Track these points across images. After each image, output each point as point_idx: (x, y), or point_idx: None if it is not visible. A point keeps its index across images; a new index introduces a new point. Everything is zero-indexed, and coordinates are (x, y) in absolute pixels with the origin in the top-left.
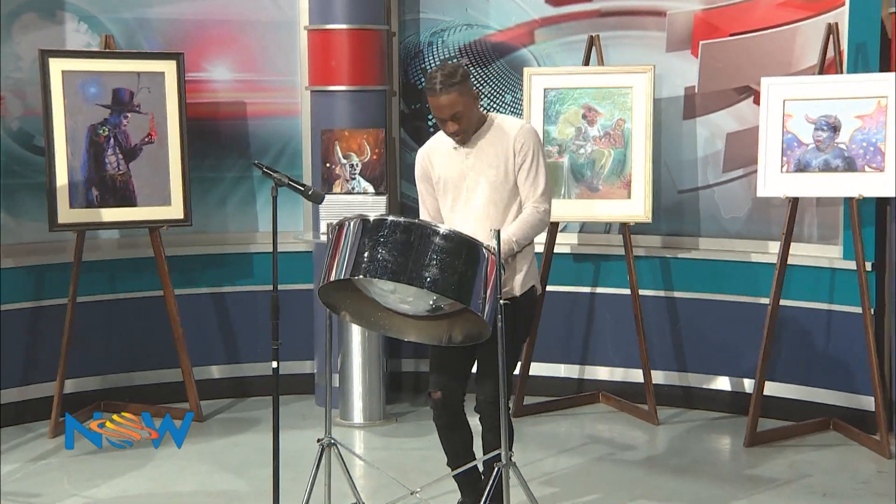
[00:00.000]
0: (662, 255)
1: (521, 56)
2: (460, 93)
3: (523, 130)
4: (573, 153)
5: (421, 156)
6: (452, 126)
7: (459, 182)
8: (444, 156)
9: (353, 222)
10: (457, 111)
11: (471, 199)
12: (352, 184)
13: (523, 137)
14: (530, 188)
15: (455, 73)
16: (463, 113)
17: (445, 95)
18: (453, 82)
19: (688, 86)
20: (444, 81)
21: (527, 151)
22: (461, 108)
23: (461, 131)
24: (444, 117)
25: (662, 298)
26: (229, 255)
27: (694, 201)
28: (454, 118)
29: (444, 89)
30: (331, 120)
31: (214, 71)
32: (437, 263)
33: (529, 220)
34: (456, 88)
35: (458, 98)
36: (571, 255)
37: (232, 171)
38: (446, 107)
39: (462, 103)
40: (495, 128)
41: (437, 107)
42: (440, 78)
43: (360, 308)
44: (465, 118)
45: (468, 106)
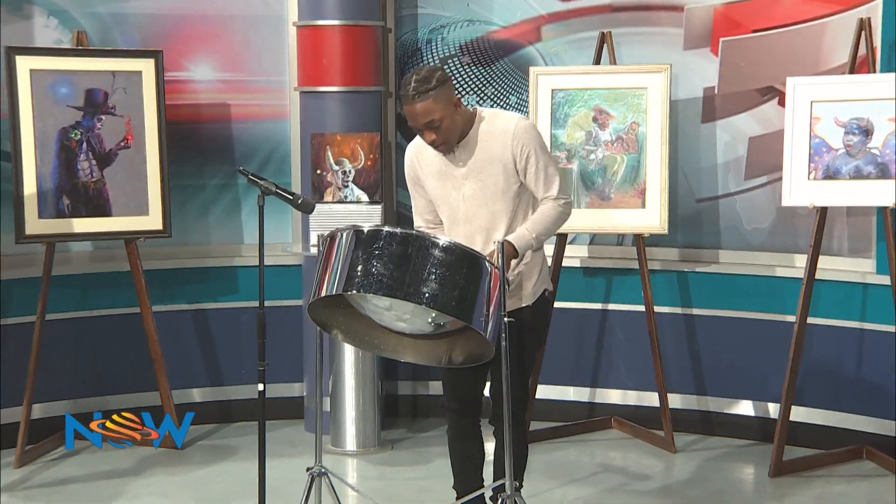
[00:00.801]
0: (679, 268)
1: (526, 54)
2: (436, 99)
3: (519, 129)
4: (583, 159)
5: (409, 155)
6: (430, 135)
7: (455, 196)
8: (432, 164)
9: (345, 234)
10: (432, 119)
11: (472, 214)
12: (344, 192)
13: (522, 138)
14: (544, 188)
15: (430, 77)
16: (440, 121)
17: (420, 103)
18: (427, 88)
19: (707, 86)
20: (417, 88)
21: (529, 152)
22: (437, 116)
23: (440, 140)
24: (419, 126)
25: (680, 316)
26: (212, 268)
27: (714, 211)
28: (430, 127)
29: (418, 96)
30: (322, 123)
31: (196, 70)
32: (436, 278)
33: (550, 213)
34: (431, 95)
35: (433, 105)
36: (581, 269)
37: (215, 179)
38: (421, 115)
39: (438, 111)
40: (486, 127)
41: (412, 115)
42: (413, 84)
43: (352, 326)
44: (443, 127)
45: (446, 113)
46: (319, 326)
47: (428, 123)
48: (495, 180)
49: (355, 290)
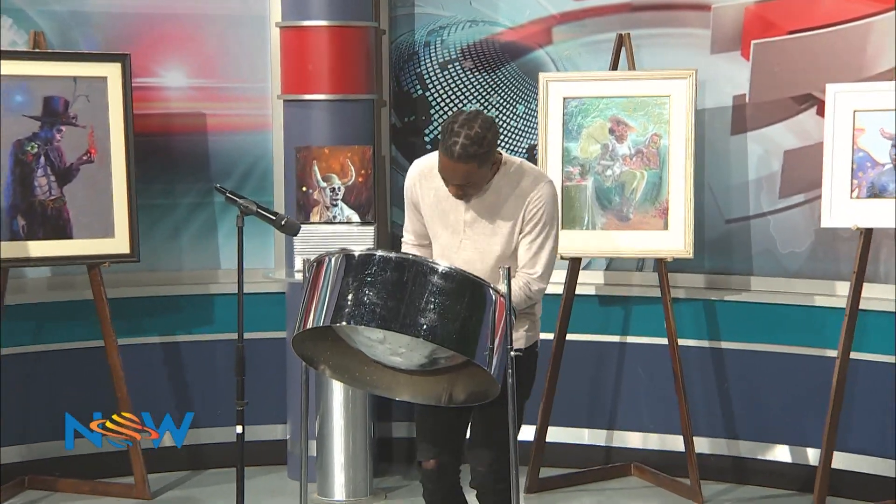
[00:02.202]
0: (707, 297)
1: (535, 59)
2: (480, 164)
3: (542, 193)
4: (598, 175)
5: (413, 177)
6: (456, 190)
7: (451, 240)
8: (436, 197)
9: (334, 258)
10: (468, 181)
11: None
12: (333, 212)
13: (540, 202)
14: (529, 260)
15: (482, 138)
16: (475, 184)
17: (462, 164)
18: (476, 152)
19: (737, 94)
20: (465, 148)
21: (538, 221)
22: (473, 180)
23: (465, 195)
24: (452, 183)
25: (707, 350)
26: (185, 297)
27: (745, 233)
28: (461, 185)
29: (464, 158)
30: (308, 135)
31: (167, 76)
32: (435, 308)
33: (521, 291)
34: (478, 160)
35: (475, 170)
36: (597, 298)
37: (188, 197)
38: (460, 175)
39: (479, 175)
40: (508, 180)
41: (449, 171)
42: (462, 141)
43: (342, 361)
44: (474, 186)
45: (485, 175)
46: (305, 361)
47: (460, 184)
48: (499, 240)
49: (345, 322)
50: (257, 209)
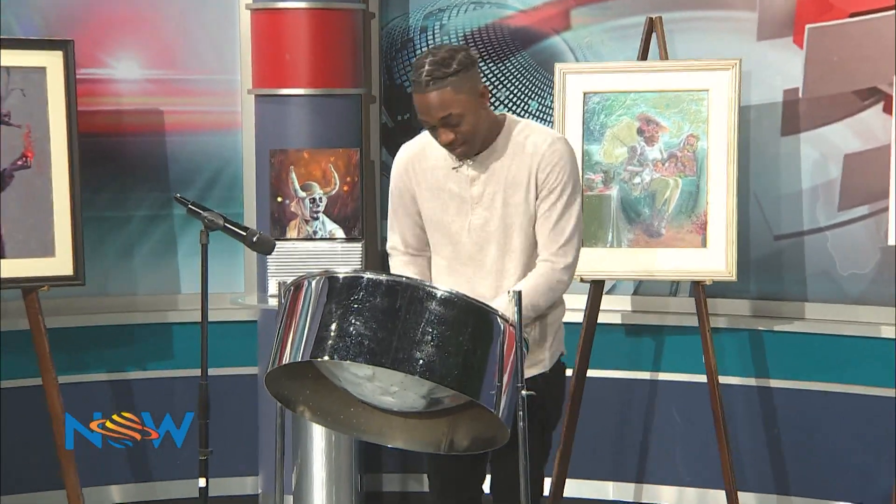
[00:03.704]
0: (752, 327)
1: (551, 47)
2: (456, 88)
3: (553, 148)
4: (625, 183)
5: (403, 160)
6: (446, 135)
7: (458, 225)
8: (434, 177)
9: (314, 282)
10: (450, 113)
11: (478, 252)
12: (314, 226)
13: (553, 158)
14: (550, 234)
15: (450, 59)
16: (460, 117)
17: (435, 91)
18: (445, 73)
19: (789, 88)
20: (432, 72)
21: (555, 180)
22: (458, 110)
23: (460, 141)
24: (433, 122)
25: (753, 389)
26: (139, 326)
27: (797, 251)
28: (447, 123)
29: (433, 83)
30: (284, 136)
31: (118, 66)
32: (433, 339)
33: (543, 282)
34: (450, 82)
35: (451, 96)
36: (623, 328)
37: (142, 209)
38: (436, 107)
39: (459, 103)
40: (515, 139)
41: (424, 107)
42: (427, 67)
43: (324, 402)
44: (464, 124)
45: (469, 107)
46: (281, 402)
47: (444, 119)
48: (515, 209)
49: (327, 356)
50: (224, 223)
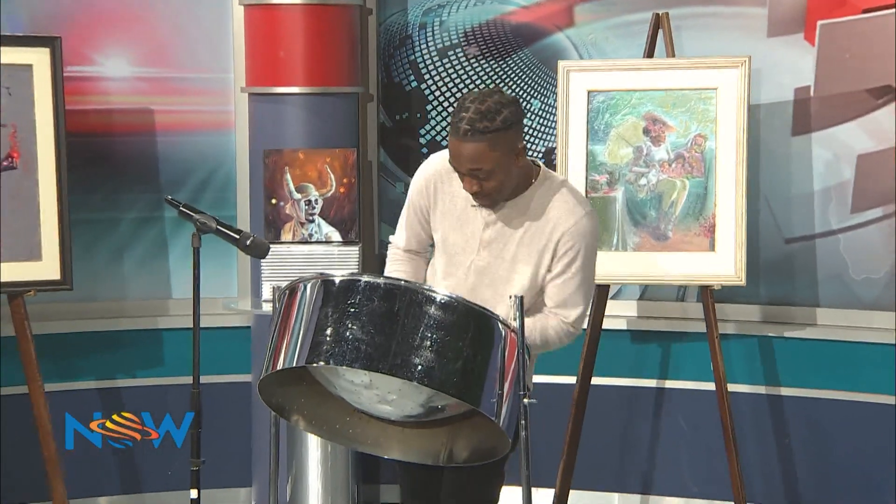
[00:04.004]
0: (763, 333)
1: (554, 44)
2: (493, 145)
3: (579, 228)
4: (630, 185)
5: (429, 172)
6: (471, 185)
7: (463, 258)
8: (455, 202)
9: (310, 285)
10: (480, 168)
11: (472, 290)
12: (309, 229)
13: (576, 239)
14: (560, 305)
15: (495, 112)
16: (491, 173)
17: (472, 144)
18: (487, 128)
19: (800, 86)
20: (474, 122)
21: (573, 256)
22: (489, 167)
23: (483, 194)
24: (462, 171)
25: (763, 397)
26: (128, 332)
27: (809, 255)
28: (475, 175)
29: (472, 134)
30: (278, 136)
31: (107, 64)
32: (432, 345)
33: (550, 334)
34: (489, 139)
35: (487, 152)
36: (628, 333)
37: (132, 211)
38: (467, 159)
39: (492, 160)
40: (543, 198)
41: (456, 154)
42: (471, 115)
43: (319, 410)
44: (493, 180)
45: (502, 165)
46: (274, 411)
47: (472, 171)
48: (521, 269)
49: (323, 362)
50: (217, 226)
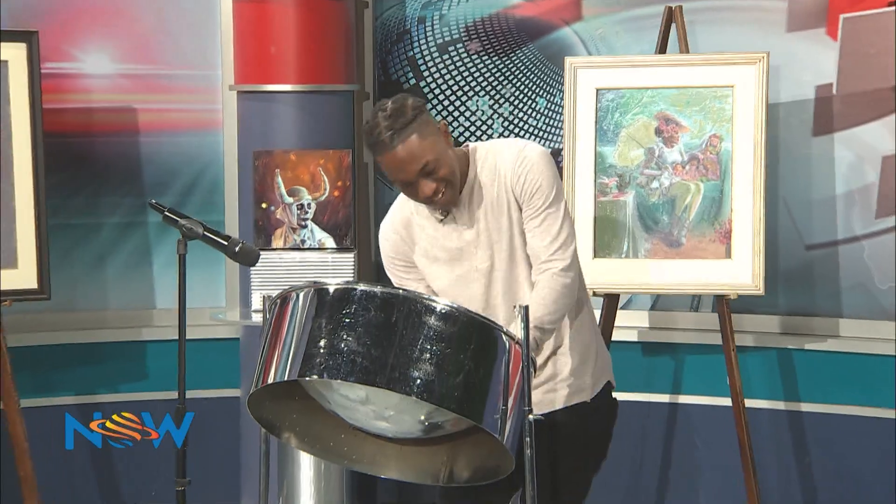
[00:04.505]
0: (782, 345)
1: (561, 39)
2: (420, 134)
3: (522, 156)
4: (641, 188)
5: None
6: (428, 186)
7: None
8: (427, 239)
9: (302, 294)
10: (426, 162)
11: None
12: (301, 234)
13: (524, 166)
14: (540, 241)
15: (402, 107)
16: (437, 161)
17: (402, 144)
18: (404, 122)
19: (821, 84)
20: (391, 124)
21: (531, 186)
22: (431, 156)
23: (443, 188)
24: (411, 178)
25: (782, 413)
26: (110, 345)
27: (831, 263)
28: (426, 173)
29: (396, 136)
30: (269, 137)
31: (87, 60)
32: (431, 358)
33: (547, 292)
34: (413, 129)
35: (419, 144)
36: (640, 346)
37: (115, 216)
38: (409, 160)
39: (430, 148)
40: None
41: (397, 165)
42: (385, 122)
43: (312, 427)
44: (442, 167)
45: (439, 149)
46: (265, 428)
47: (421, 170)
48: (510, 237)
49: (316, 376)
50: (204, 232)
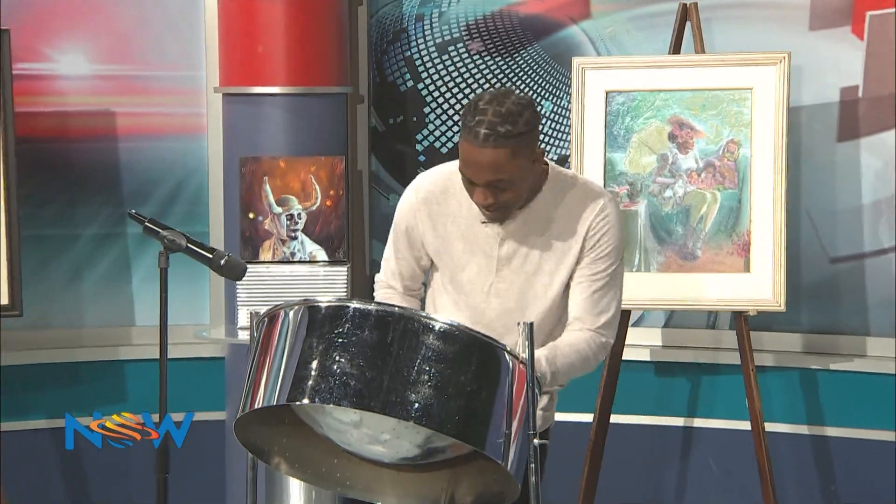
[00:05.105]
0: (805, 365)
1: (568, 38)
2: (515, 152)
3: (606, 212)
4: (654, 197)
5: (417, 199)
6: (486, 197)
7: (480, 284)
8: (458, 224)
9: (293, 312)
10: (501, 178)
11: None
12: (291, 246)
13: (605, 226)
14: (591, 306)
15: (517, 116)
16: (511, 183)
17: (491, 150)
18: (510, 132)
19: (846, 86)
20: (496, 127)
21: (602, 252)
22: (509, 176)
23: (499, 206)
24: (479, 181)
25: (805, 438)
26: (86, 364)
27: (857, 277)
28: (492, 186)
29: (494, 139)
30: (257, 142)
31: (62, 60)
32: (430, 379)
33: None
34: (511, 143)
35: (508, 160)
36: (653, 365)
37: (91, 227)
38: (487, 168)
39: (514, 169)
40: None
41: (473, 163)
42: (491, 118)
43: (303, 452)
44: (511, 190)
45: (522, 173)
46: (252, 453)
47: (492, 182)
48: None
49: (307, 399)
50: (187, 244)
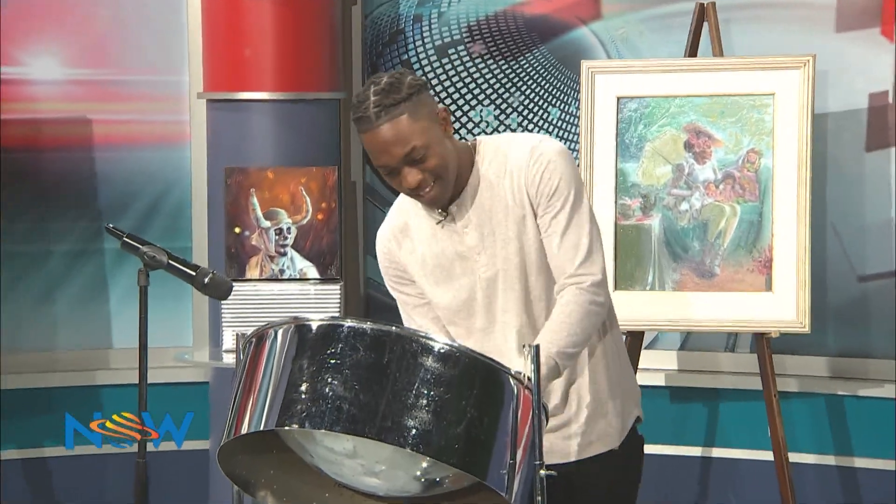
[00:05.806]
0: (831, 391)
1: (577, 41)
2: (413, 116)
3: (538, 152)
4: (669, 210)
5: (384, 243)
6: (413, 175)
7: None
8: (425, 243)
9: (281, 332)
10: (413, 146)
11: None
12: (280, 263)
13: (540, 162)
14: (562, 250)
15: (397, 83)
16: (426, 148)
17: (388, 123)
18: (396, 99)
19: (875, 91)
20: (381, 101)
21: (549, 185)
22: (420, 141)
23: (431, 180)
24: (395, 163)
25: (832, 469)
26: (60, 390)
27: (887, 297)
28: (412, 160)
29: (386, 112)
30: (243, 152)
31: (35, 64)
32: (429, 404)
33: (573, 310)
34: (404, 109)
35: (408, 125)
36: (668, 391)
37: (66, 242)
38: (393, 142)
39: (420, 132)
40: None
41: (380, 146)
42: (374, 97)
43: (292, 483)
44: (431, 156)
45: (432, 135)
46: (237, 484)
47: (407, 155)
48: (517, 246)
49: (297, 425)
50: (168, 261)
